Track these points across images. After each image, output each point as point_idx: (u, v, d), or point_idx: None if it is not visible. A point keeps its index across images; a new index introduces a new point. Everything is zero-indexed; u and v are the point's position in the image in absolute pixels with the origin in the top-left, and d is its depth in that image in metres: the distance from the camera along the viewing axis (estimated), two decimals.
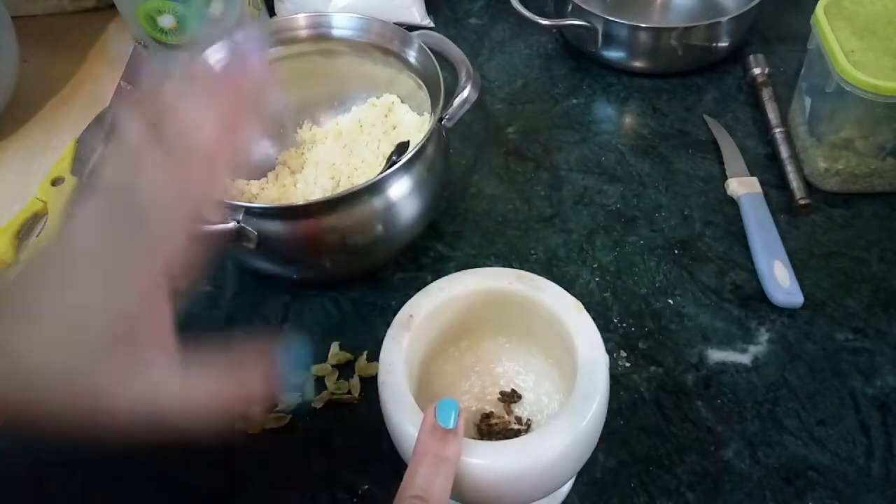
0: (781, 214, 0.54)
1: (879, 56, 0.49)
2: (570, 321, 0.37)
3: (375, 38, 0.54)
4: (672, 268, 0.52)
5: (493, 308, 0.40)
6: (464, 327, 0.41)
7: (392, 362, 0.36)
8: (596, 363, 0.35)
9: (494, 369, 0.43)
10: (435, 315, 0.38)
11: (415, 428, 0.33)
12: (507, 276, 0.39)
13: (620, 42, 0.65)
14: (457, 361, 0.42)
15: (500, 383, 0.42)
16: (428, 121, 0.50)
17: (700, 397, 0.45)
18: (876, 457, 0.42)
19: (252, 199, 0.55)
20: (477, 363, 0.43)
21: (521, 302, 0.38)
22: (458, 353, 0.42)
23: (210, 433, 0.32)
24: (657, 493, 0.41)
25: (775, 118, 0.60)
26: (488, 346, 0.43)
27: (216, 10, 0.67)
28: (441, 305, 0.38)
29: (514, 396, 0.41)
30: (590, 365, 0.35)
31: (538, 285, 0.38)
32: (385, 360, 0.36)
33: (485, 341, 0.43)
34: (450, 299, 0.39)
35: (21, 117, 0.70)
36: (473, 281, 0.39)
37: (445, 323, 0.40)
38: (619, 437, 0.44)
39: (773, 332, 0.48)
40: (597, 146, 0.61)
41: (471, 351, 0.43)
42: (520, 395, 0.41)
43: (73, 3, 0.81)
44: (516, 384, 0.42)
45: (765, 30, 0.69)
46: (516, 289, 0.38)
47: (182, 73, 0.36)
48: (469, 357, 0.43)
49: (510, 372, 0.42)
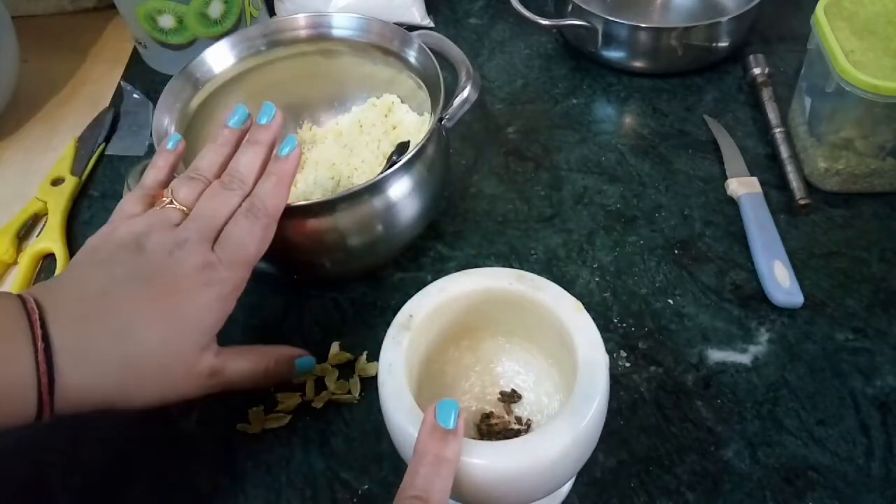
0: (781, 214, 0.54)
1: (879, 56, 0.49)
2: (570, 321, 0.36)
3: (375, 38, 0.54)
4: (672, 268, 0.52)
5: (493, 308, 0.40)
6: (464, 327, 0.41)
7: (392, 362, 0.36)
8: (596, 363, 0.35)
9: (494, 369, 0.43)
10: (435, 315, 0.38)
11: (415, 428, 0.33)
12: (508, 276, 0.39)
13: (620, 42, 0.65)
14: (457, 361, 0.42)
15: (500, 383, 0.42)
16: (428, 121, 0.50)
17: (700, 397, 0.45)
18: (876, 457, 0.42)
19: None
20: (477, 363, 0.43)
21: (521, 302, 0.38)
22: (458, 354, 0.42)
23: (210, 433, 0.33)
24: (657, 493, 0.41)
25: (775, 118, 0.60)
26: (488, 347, 0.43)
27: (216, 10, 0.67)
28: (441, 305, 0.38)
29: (514, 396, 0.41)
30: (590, 365, 0.35)
31: (538, 285, 0.38)
32: (385, 359, 0.36)
33: (485, 341, 0.43)
34: (450, 299, 0.38)
35: (21, 117, 0.70)
36: (473, 281, 0.39)
37: (445, 323, 0.40)
38: (619, 437, 0.44)
39: (773, 332, 0.48)
40: (597, 146, 0.61)
41: (471, 351, 0.43)
42: (520, 395, 0.41)
43: (73, 3, 0.81)
44: (516, 384, 0.42)
45: (765, 30, 0.69)
46: (516, 289, 0.38)
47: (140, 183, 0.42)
48: (469, 357, 0.43)
49: (510, 372, 0.42)
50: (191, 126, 0.52)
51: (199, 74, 0.53)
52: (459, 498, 0.33)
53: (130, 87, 0.71)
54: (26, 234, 0.60)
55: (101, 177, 0.64)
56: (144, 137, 0.67)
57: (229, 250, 0.39)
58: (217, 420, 0.46)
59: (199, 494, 0.43)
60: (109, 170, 0.64)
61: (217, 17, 0.68)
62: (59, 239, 0.57)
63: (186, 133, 0.51)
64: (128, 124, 0.68)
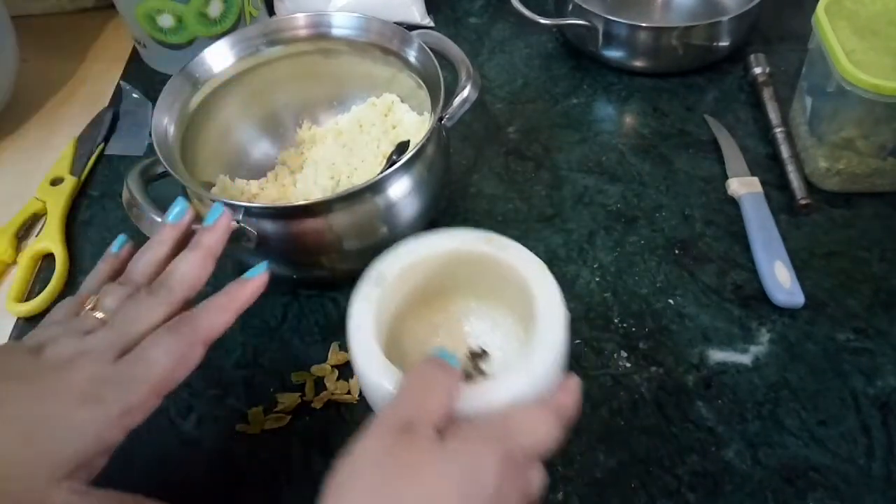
0: (782, 214, 0.54)
1: (880, 56, 0.49)
2: (532, 279, 0.38)
3: (375, 37, 0.54)
4: (673, 268, 0.52)
5: (462, 269, 0.41)
6: (434, 288, 0.42)
7: (361, 316, 0.37)
8: (554, 316, 0.36)
9: (463, 329, 0.44)
10: (405, 274, 0.40)
11: (385, 379, 0.34)
12: (476, 237, 0.40)
13: (621, 41, 0.64)
14: (427, 321, 0.44)
15: (468, 342, 0.44)
16: (428, 120, 0.50)
17: (701, 398, 0.45)
18: (877, 457, 0.42)
19: (252, 198, 0.55)
20: (447, 323, 0.44)
21: (489, 262, 0.40)
22: (428, 314, 0.44)
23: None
24: (657, 493, 0.41)
25: (776, 118, 0.60)
26: (458, 307, 0.44)
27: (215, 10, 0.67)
28: (411, 265, 0.40)
29: (481, 354, 0.43)
30: (548, 318, 0.36)
31: (504, 245, 0.40)
32: (354, 314, 0.37)
33: (454, 302, 0.44)
34: (420, 259, 0.40)
35: (20, 117, 0.70)
36: (443, 242, 0.40)
37: (415, 283, 0.41)
38: (620, 437, 0.44)
39: (773, 332, 0.48)
40: (597, 146, 0.61)
41: (441, 311, 0.44)
42: (487, 353, 0.43)
43: (73, 2, 0.81)
44: (484, 343, 0.43)
45: (766, 29, 0.69)
46: (484, 249, 0.40)
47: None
48: (439, 317, 0.44)
49: (478, 331, 0.44)
50: (190, 126, 0.52)
51: (199, 74, 0.53)
52: None
53: (130, 87, 0.71)
54: (25, 234, 0.60)
55: (100, 177, 0.64)
56: (144, 137, 0.66)
57: (134, 367, 0.33)
58: (217, 420, 0.46)
59: (200, 494, 0.43)
60: (109, 170, 0.64)
61: (216, 17, 0.68)
62: (58, 239, 0.57)
63: (186, 133, 0.51)
64: (127, 124, 0.68)
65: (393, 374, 0.34)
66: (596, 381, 0.46)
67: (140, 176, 0.47)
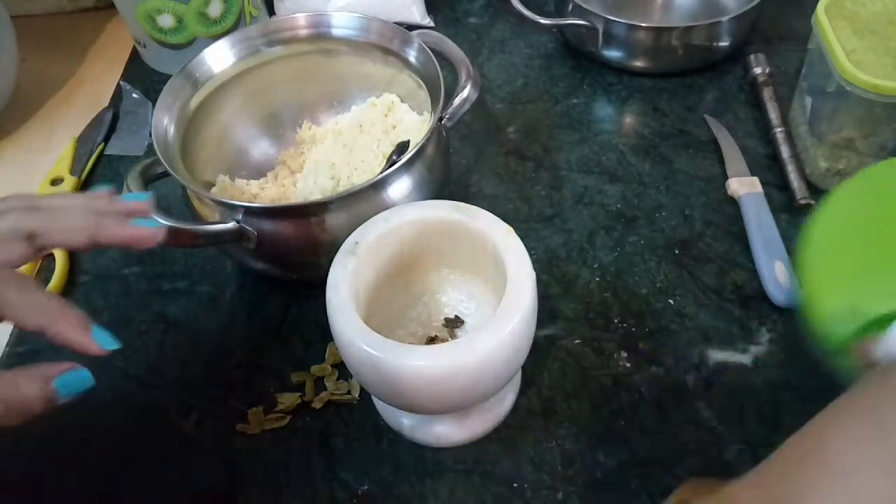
0: (782, 214, 0.54)
1: (880, 56, 0.49)
2: (501, 244, 0.39)
3: (375, 37, 0.54)
4: (673, 268, 0.52)
5: (435, 239, 0.42)
6: (410, 259, 0.43)
7: (338, 281, 0.38)
8: (522, 279, 0.37)
9: (440, 299, 0.46)
10: (380, 243, 0.41)
11: (360, 339, 0.35)
12: (447, 206, 0.41)
13: (621, 41, 0.64)
14: (404, 292, 0.45)
15: (444, 311, 0.46)
16: (428, 120, 0.50)
17: (701, 398, 0.45)
18: None
19: (252, 198, 0.55)
20: (424, 293, 0.46)
21: (459, 230, 0.41)
22: (405, 284, 0.45)
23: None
24: (658, 493, 0.41)
25: (776, 118, 0.60)
26: (434, 278, 0.46)
27: (215, 10, 0.67)
28: (385, 234, 0.41)
29: (457, 322, 0.45)
30: (516, 281, 0.37)
31: (474, 214, 0.41)
32: (332, 280, 0.39)
33: (430, 273, 0.46)
34: (394, 228, 0.41)
35: (20, 117, 0.70)
36: (415, 212, 0.41)
37: (391, 252, 0.42)
38: (620, 437, 0.44)
39: (774, 332, 0.48)
40: (597, 146, 0.61)
41: (418, 282, 0.46)
42: (462, 321, 0.45)
43: (72, 2, 0.81)
44: (459, 311, 0.45)
45: (765, 29, 0.69)
46: (455, 217, 0.41)
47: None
48: (416, 287, 0.46)
49: (454, 301, 0.46)
50: (190, 126, 0.52)
51: (199, 74, 0.53)
52: (400, 398, 0.37)
53: (130, 87, 0.71)
54: None
55: (100, 176, 0.64)
56: (143, 137, 0.66)
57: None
58: (217, 420, 0.46)
59: (199, 494, 0.43)
60: (108, 169, 0.64)
61: (216, 17, 0.68)
62: None
63: (186, 133, 0.51)
64: (127, 124, 0.68)
65: (368, 334, 0.36)
66: (596, 381, 0.46)
67: (140, 176, 0.46)
